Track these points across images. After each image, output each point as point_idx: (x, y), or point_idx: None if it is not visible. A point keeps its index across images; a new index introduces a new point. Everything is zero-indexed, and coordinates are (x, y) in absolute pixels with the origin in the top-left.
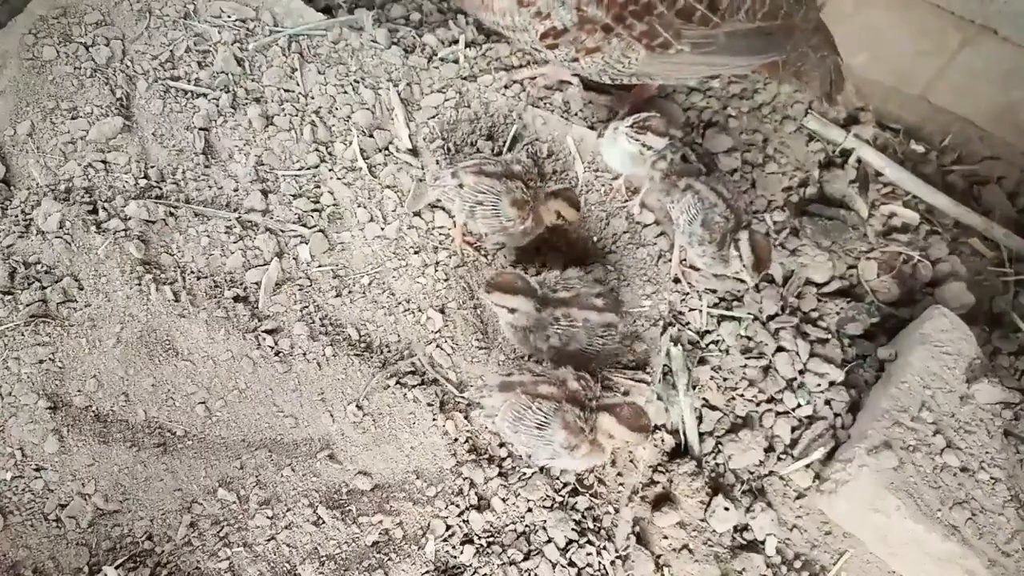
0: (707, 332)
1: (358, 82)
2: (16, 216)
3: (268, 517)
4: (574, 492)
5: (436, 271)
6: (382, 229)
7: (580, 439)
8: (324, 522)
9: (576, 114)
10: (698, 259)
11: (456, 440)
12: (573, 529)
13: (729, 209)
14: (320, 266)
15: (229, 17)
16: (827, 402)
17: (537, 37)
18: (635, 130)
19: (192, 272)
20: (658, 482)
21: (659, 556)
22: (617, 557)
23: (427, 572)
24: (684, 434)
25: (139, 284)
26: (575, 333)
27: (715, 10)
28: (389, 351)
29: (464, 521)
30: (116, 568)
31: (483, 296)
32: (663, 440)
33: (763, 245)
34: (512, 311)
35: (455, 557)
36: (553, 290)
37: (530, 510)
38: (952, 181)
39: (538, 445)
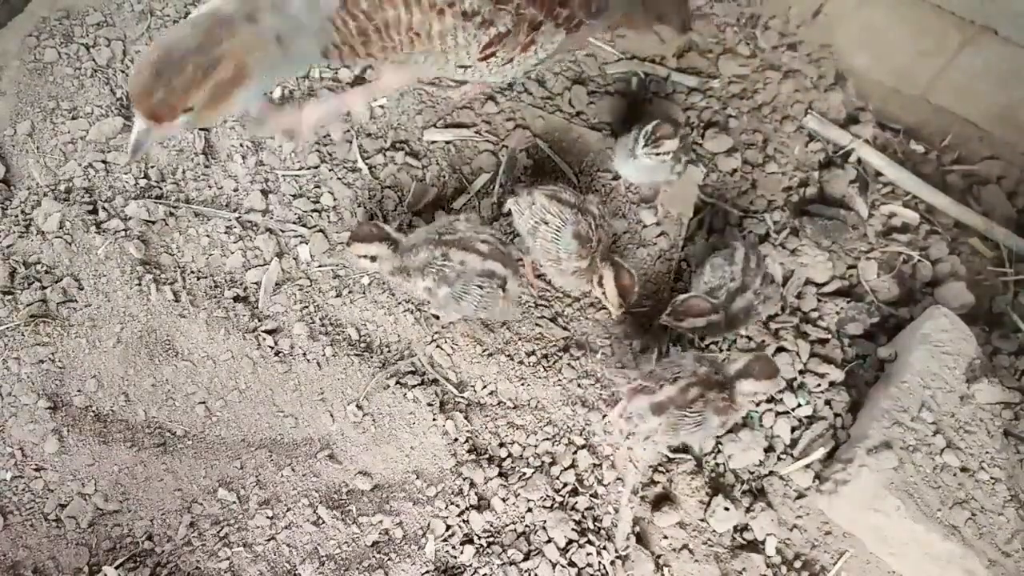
0: None
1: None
2: (16, 216)
3: (268, 517)
4: (574, 492)
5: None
6: None
7: (729, 415)
8: (324, 522)
9: (579, 115)
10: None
11: (456, 440)
12: (573, 529)
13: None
14: (320, 266)
15: None
16: (827, 402)
17: (479, 49)
18: (652, 147)
19: (192, 272)
20: (658, 482)
21: (659, 556)
22: (617, 557)
23: (427, 572)
24: None
25: (139, 284)
26: (447, 275)
27: None
28: (389, 351)
29: (464, 521)
30: (116, 568)
31: (346, 254)
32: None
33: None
34: (373, 259)
35: (455, 557)
36: (440, 234)
37: (530, 510)
38: (952, 181)
39: (700, 438)
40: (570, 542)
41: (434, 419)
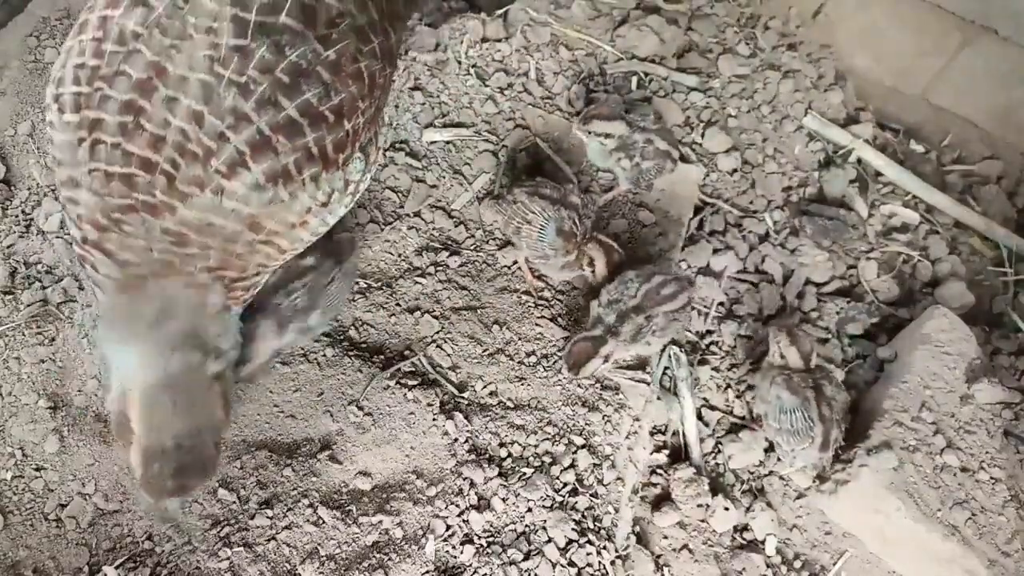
0: (708, 332)
1: None
2: (17, 216)
3: (268, 517)
4: (574, 492)
5: (436, 271)
6: (382, 229)
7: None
8: (324, 522)
9: (578, 114)
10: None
11: (456, 440)
12: (573, 529)
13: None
14: None
15: None
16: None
17: (319, 205)
18: (584, 125)
19: None
20: (658, 483)
21: (659, 556)
22: (617, 557)
23: (427, 572)
24: (684, 434)
25: None
26: (292, 318)
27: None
28: (389, 351)
29: (464, 521)
30: (116, 568)
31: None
32: (664, 441)
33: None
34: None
35: (455, 557)
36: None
37: (530, 510)
38: (951, 181)
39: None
40: (570, 542)
41: (434, 419)
